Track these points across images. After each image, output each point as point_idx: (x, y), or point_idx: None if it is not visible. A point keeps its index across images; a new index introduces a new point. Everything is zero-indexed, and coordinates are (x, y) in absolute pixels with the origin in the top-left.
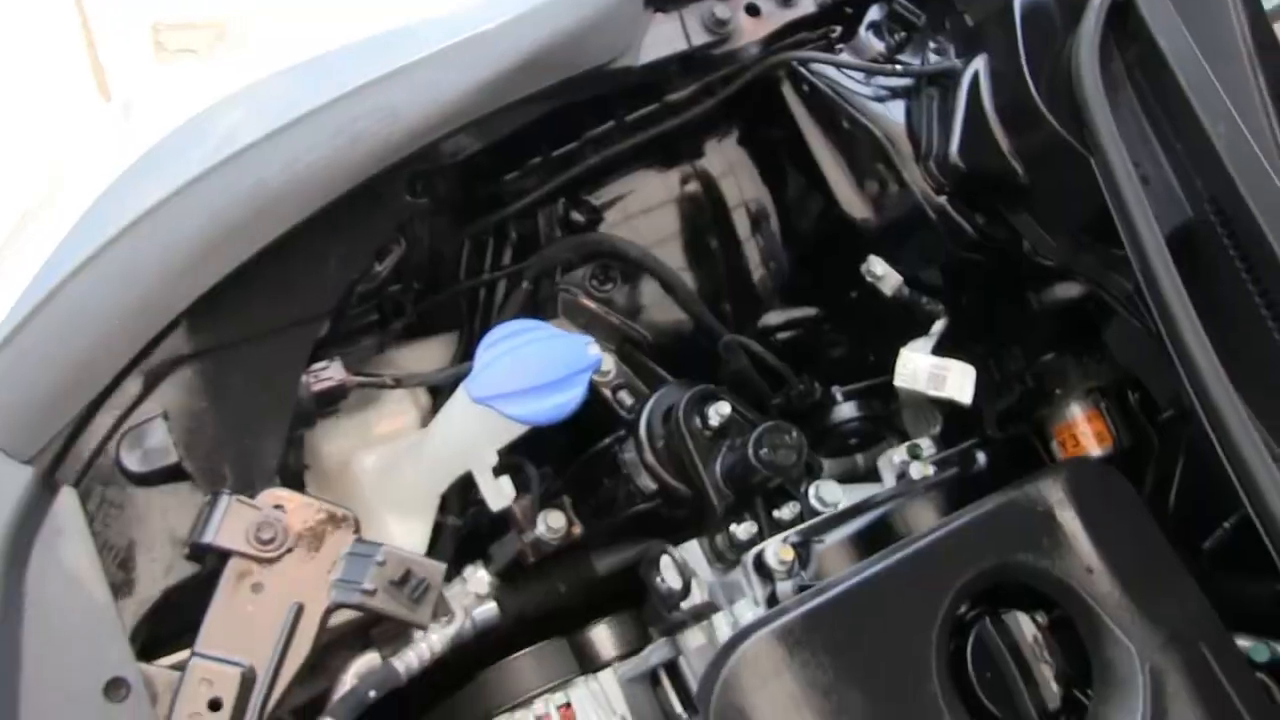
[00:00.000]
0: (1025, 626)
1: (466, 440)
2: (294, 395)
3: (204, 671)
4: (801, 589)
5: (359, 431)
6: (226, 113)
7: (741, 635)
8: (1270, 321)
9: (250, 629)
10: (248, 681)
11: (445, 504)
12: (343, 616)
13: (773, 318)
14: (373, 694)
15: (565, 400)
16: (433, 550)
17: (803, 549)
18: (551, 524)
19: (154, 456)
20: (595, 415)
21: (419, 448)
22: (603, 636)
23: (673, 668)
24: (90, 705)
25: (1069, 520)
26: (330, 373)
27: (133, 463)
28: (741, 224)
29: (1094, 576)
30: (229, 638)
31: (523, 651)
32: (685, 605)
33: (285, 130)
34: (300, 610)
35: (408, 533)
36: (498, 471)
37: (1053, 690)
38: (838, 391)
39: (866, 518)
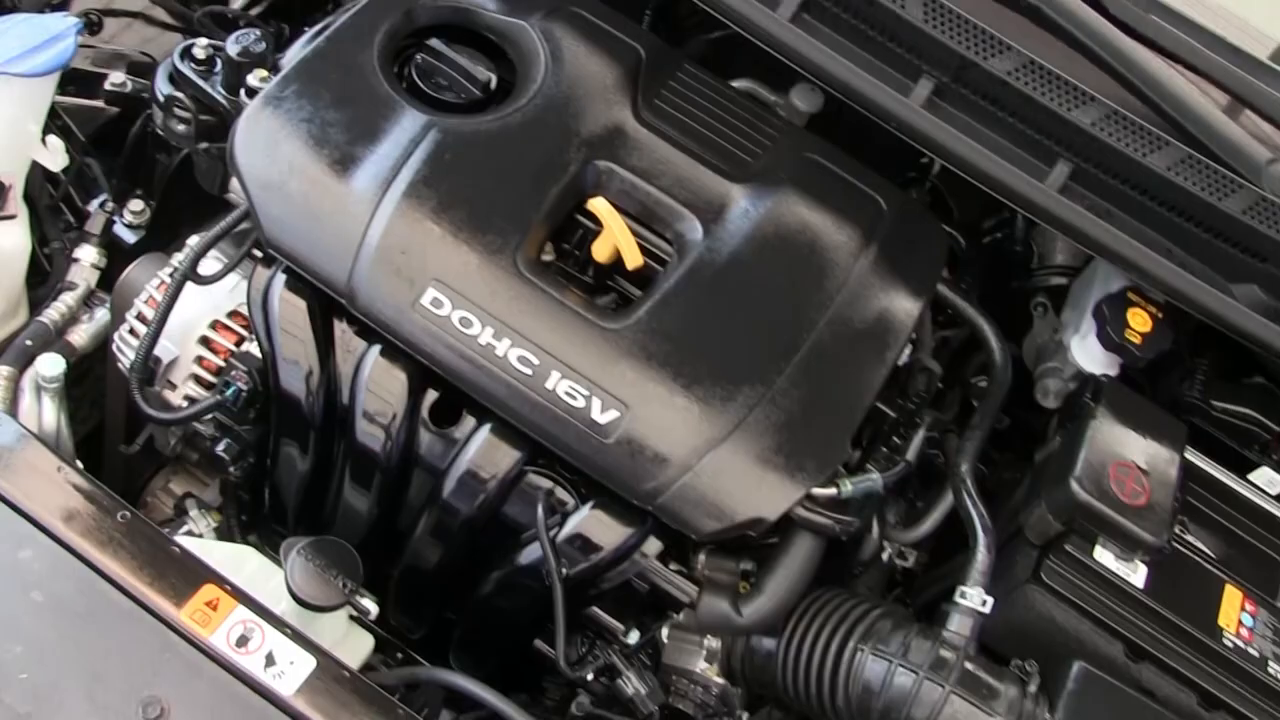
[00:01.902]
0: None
1: (7, 124)
2: None
3: None
4: None
5: None
6: None
7: (241, 110)
8: None
9: None
10: None
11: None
12: None
13: None
14: (29, 343)
15: (60, 50)
16: None
17: (274, 68)
18: (133, 209)
19: None
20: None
21: None
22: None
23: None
24: None
25: None
26: None
27: None
28: None
29: None
30: None
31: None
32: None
33: None
34: None
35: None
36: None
37: (485, 72)
38: None
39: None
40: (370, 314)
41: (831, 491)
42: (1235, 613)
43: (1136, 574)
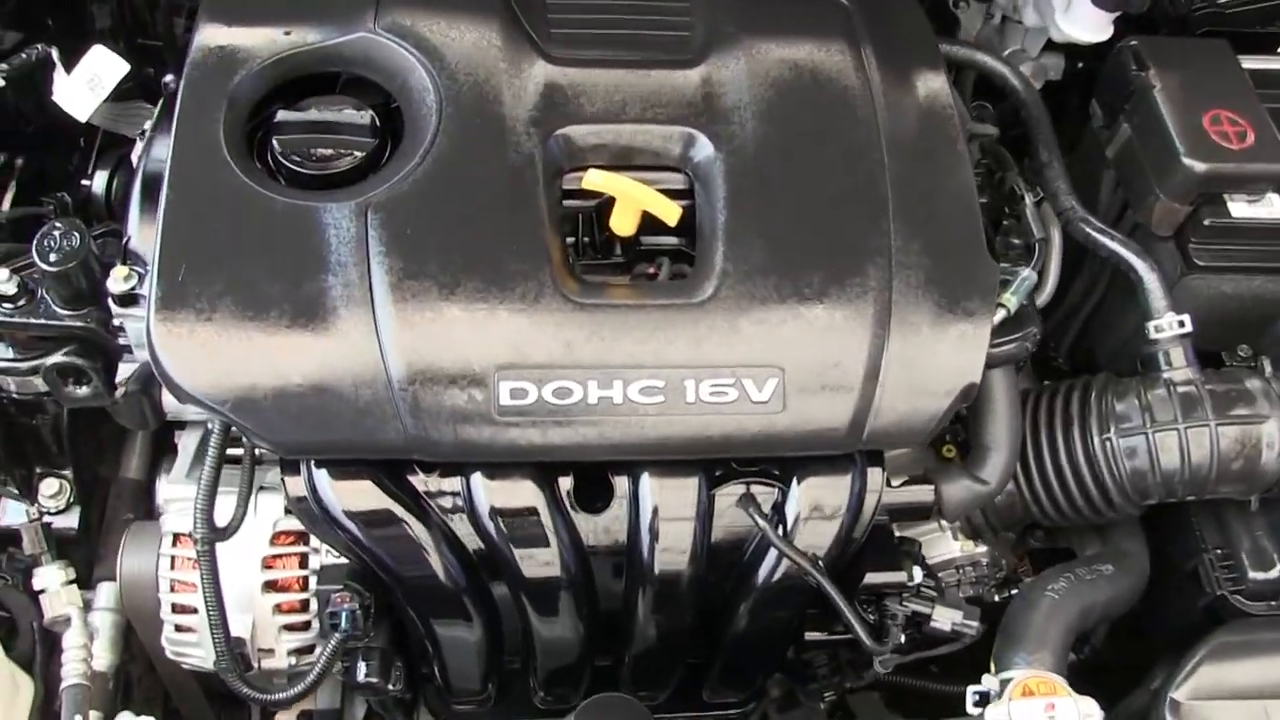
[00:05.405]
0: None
1: None
2: None
3: None
4: None
5: None
6: None
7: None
8: None
9: None
10: None
11: None
12: None
13: None
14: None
15: None
16: None
17: (125, 254)
18: (48, 492)
19: None
20: None
21: None
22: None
23: None
24: None
25: None
26: None
27: None
28: None
29: None
30: None
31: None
32: None
33: None
34: None
35: None
36: None
37: (363, 114)
38: None
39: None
40: (452, 451)
41: (1001, 314)
42: None
43: (1274, 207)
